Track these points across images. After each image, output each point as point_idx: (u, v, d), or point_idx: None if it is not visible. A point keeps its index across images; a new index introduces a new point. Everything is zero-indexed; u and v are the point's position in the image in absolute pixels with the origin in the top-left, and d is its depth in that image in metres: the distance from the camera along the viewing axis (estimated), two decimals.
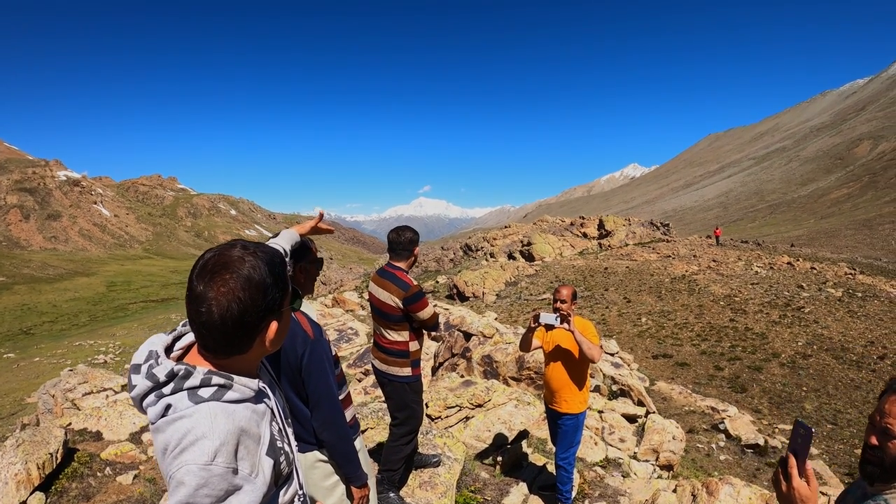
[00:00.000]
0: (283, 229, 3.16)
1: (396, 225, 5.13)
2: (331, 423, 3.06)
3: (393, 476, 5.02)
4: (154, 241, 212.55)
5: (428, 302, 4.80)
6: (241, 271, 1.64)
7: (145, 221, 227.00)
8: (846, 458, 13.36)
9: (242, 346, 1.70)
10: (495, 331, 13.43)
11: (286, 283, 1.83)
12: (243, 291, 1.62)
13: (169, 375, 1.64)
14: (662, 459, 9.26)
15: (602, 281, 38.72)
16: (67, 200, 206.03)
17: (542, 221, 71.12)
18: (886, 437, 2.11)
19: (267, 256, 1.74)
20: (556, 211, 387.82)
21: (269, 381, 2.01)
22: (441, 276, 50.96)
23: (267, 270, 1.70)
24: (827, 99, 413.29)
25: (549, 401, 6.03)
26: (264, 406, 1.84)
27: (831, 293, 30.27)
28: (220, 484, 1.54)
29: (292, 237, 3.11)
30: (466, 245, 66.58)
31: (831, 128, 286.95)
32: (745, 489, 5.97)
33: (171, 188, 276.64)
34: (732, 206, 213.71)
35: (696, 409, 14.65)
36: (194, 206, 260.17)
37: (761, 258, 45.43)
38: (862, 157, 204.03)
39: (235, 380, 1.71)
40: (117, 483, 5.73)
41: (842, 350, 21.06)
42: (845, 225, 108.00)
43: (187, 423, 1.57)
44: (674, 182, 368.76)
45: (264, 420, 1.80)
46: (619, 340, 22.62)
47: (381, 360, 4.93)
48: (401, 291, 4.66)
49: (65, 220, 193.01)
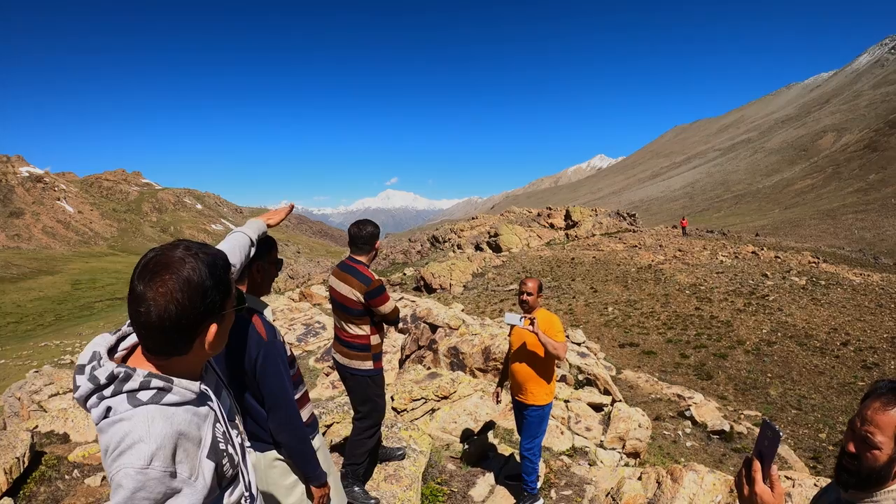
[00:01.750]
0: (251, 219, 3.10)
1: (364, 217, 5.10)
2: (287, 425, 3.02)
3: (357, 470, 4.98)
4: (119, 238, 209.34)
5: (389, 296, 4.77)
6: (180, 272, 1.62)
7: (110, 217, 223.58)
8: (811, 442, 13.53)
9: (181, 347, 1.69)
10: (461, 322, 13.40)
11: (228, 286, 1.81)
12: (181, 293, 1.61)
13: (109, 378, 1.62)
14: (629, 447, 9.29)
15: (569, 271, 38.86)
16: (30, 197, 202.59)
17: (510, 212, 71.22)
18: (865, 447, 2.05)
19: (209, 258, 1.72)
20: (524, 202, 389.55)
21: (215, 382, 2.00)
22: (408, 268, 50.83)
23: (207, 272, 1.68)
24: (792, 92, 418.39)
25: (514, 392, 6.01)
26: (207, 408, 1.82)
27: (795, 281, 30.62)
28: (158, 487, 1.54)
29: (259, 227, 3.07)
30: (434, 237, 66.50)
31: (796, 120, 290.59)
32: (709, 475, 5.98)
33: (136, 183, 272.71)
34: (698, 196, 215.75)
35: (662, 397, 14.75)
36: (159, 200, 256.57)
37: (726, 247, 45.86)
38: (826, 148, 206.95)
39: (176, 382, 1.69)
40: (86, 486, 5.63)
41: (805, 337, 21.32)
42: (809, 215, 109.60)
43: (125, 427, 1.57)
44: (640, 173, 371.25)
45: (206, 422, 1.78)
46: (586, 330, 22.69)
47: (342, 354, 4.89)
48: (362, 286, 4.62)
49: (28, 217, 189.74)
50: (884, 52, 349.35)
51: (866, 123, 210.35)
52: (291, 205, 3.46)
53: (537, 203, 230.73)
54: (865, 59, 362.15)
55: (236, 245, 2.81)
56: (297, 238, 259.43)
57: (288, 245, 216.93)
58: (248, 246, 2.89)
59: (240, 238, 2.87)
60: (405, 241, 74.89)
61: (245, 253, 2.84)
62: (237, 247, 2.80)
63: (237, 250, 2.78)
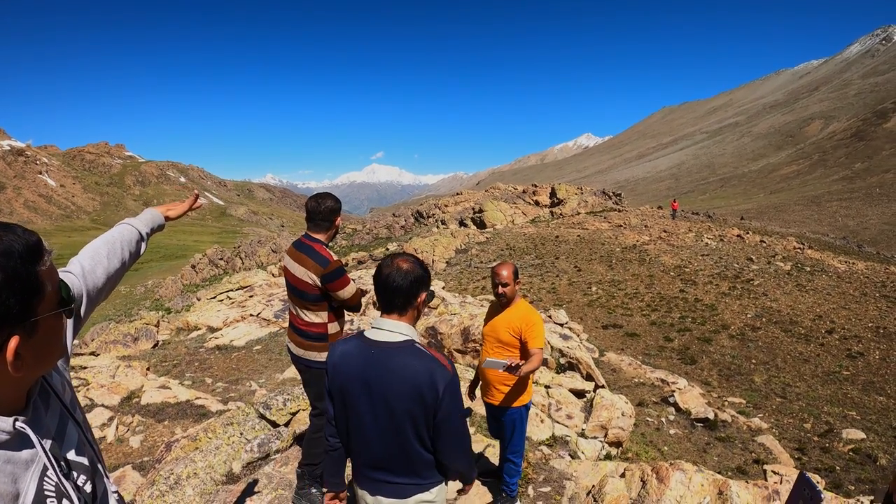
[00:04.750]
0: (147, 209, 2.62)
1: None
2: (467, 456, 2.92)
3: (315, 471, 4.49)
4: (102, 212, 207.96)
5: (350, 279, 4.24)
6: None
7: (92, 191, 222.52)
8: (796, 432, 13.25)
9: None
10: (440, 301, 13.03)
11: (33, 283, 1.26)
12: None
13: None
14: (611, 436, 8.93)
15: (553, 249, 38.58)
16: (11, 171, 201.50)
17: (495, 189, 71.02)
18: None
19: (2, 245, 1.20)
20: (509, 178, 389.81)
21: (58, 414, 1.51)
22: (391, 244, 50.58)
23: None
24: (781, 77, 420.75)
25: (484, 392, 5.50)
26: (29, 453, 1.30)
27: (780, 266, 30.51)
28: None
29: (154, 219, 2.57)
30: (418, 212, 66.26)
31: (784, 106, 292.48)
32: (697, 475, 5.63)
33: (119, 156, 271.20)
34: (684, 178, 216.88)
35: (645, 382, 14.44)
36: (142, 174, 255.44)
37: (712, 230, 45.84)
38: (813, 135, 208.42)
39: None
40: None
41: (790, 323, 21.11)
42: (794, 200, 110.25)
43: None
44: (627, 153, 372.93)
45: (28, 472, 1.28)
46: (569, 310, 22.36)
47: (296, 343, 4.39)
48: (318, 267, 4.09)
49: (9, 191, 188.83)
50: (875, 42, 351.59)
51: (854, 112, 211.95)
52: (196, 194, 2.91)
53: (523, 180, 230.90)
54: (856, 48, 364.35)
55: (118, 240, 2.28)
56: (280, 212, 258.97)
57: (272, 219, 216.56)
58: (136, 241, 2.37)
59: (125, 231, 2.36)
60: (389, 216, 74.56)
61: (131, 250, 2.32)
62: (119, 242, 2.27)
63: (119, 247, 2.25)
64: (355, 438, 2.85)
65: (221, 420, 6.58)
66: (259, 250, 58.44)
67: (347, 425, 2.88)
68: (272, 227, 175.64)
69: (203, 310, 22.06)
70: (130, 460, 8.11)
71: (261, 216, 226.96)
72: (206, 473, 5.40)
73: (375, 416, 2.74)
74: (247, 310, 20.17)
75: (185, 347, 16.84)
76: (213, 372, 14.50)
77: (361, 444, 2.83)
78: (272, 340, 16.87)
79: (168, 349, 17.00)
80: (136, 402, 10.52)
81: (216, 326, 19.15)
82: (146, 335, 17.98)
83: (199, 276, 54.33)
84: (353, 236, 63.74)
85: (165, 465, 5.67)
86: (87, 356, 15.47)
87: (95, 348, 17.13)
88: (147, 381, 11.63)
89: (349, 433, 2.89)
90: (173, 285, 49.18)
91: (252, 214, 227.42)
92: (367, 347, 2.76)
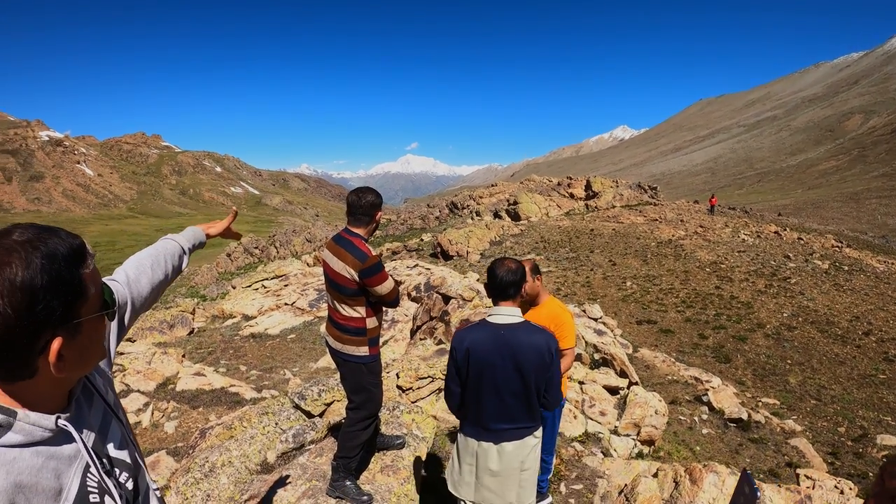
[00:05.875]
0: (188, 227, 2.67)
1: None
2: (559, 392, 3.90)
3: (350, 464, 4.53)
4: (138, 200, 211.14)
5: (388, 275, 4.22)
6: (2, 271, 1.17)
7: (129, 180, 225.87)
8: (829, 436, 13.11)
9: (19, 370, 1.24)
10: (475, 294, 13.05)
11: (76, 287, 1.31)
12: (1, 298, 1.15)
13: None
14: (644, 434, 8.91)
15: (588, 243, 38.40)
16: (50, 161, 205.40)
17: (530, 181, 70.70)
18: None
19: (47, 248, 1.24)
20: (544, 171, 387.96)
21: (102, 412, 1.57)
22: (426, 234, 50.59)
23: (40, 268, 1.20)
24: (820, 70, 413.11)
25: None
26: (72, 449, 1.36)
27: (818, 265, 30.10)
28: None
29: (196, 236, 2.61)
30: (452, 203, 66.21)
31: (823, 99, 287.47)
32: (731, 478, 5.61)
33: (156, 146, 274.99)
34: (720, 172, 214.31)
35: (679, 379, 14.35)
36: (179, 163, 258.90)
37: (749, 226, 45.27)
38: (852, 130, 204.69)
39: (20, 416, 1.25)
40: None
41: (827, 324, 20.84)
42: (832, 197, 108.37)
43: None
44: (663, 146, 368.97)
45: (71, 468, 1.35)
46: (603, 305, 22.27)
47: (335, 337, 4.36)
48: (357, 262, 4.08)
49: (48, 180, 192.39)
50: None
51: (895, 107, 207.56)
52: (235, 211, 3.09)
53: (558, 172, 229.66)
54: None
55: (161, 253, 2.33)
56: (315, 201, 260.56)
57: (306, 208, 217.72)
58: (179, 255, 2.43)
59: (168, 245, 2.41)
60: (424, 207, 74.63)
61: (174, 263, 2.38)
62: (163, 255, 2.33)
63: (162, 260, 2.31)
64: (489, 400, 3.71)
65: (257, 409, 6.65)
66: (294, 239, 58.80)
67: (479, 393, 3.72)
68: (307, 216, 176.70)
69: (238, 298, 22.30)
70: (164, 445, 8.26)
71: (296, 206, 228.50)
72: (240, 462, 5.47)
73: (507, 378, 3.64)
74: (281, 299, 20.35)
75: (220, 335, 17.05)
76: (248, 360, 14.67)
77: (495, 403, 3.70)
78: (306, 329, 17.00)
79: (203, 336, 17.21)
80: (171, 388, 10.69)
81: (251, 315, 19.35)
82: (182, 322, 18.22)
83: (234, 264, 54.85)
84: (388, 227, 63.89)
85: (200, 453, 5.73)
86: (124, 342, 15.74)
87: (132, 334, 17.39)
88: (182, 367, 11.79)
89: (480, 399, 3.73)
90: (209, 273, 49.67)
91: (287, 204, 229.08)
92: (495, 329, 3.68)
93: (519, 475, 3.82)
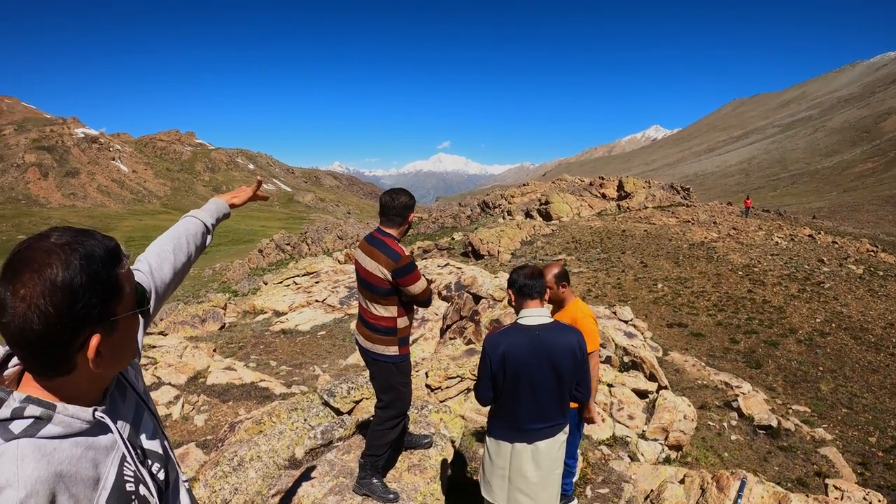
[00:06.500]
0: (212, 199, 2.60)
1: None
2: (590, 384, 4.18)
3: (377, 462, 4.60)
4: (172, 196, 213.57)
5: (420, 275, 4.26)
6: (42, 271, 1.24)
7: (163, 177, 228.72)
8: (860, 446, 12.96)
9: (59, 366, 1.31)
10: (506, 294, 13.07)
11: (113, 285, 1.38)
12: (43, 297, 1.22)
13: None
14: (672, 439, 8.91)
15: (619, 244, 38.21)
16: (85, 157, 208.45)
17: (561, 180, 70.42)
18: None
19: (85, 250, 1.31)
20: (576, 170, 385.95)
21: (134, 404, 1.64)
22: (457, 233, 50.61)
23: (79, 269, 1.28)
24: (856, 70, 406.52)
25: None
26: (108, 440, 1.44)
27: (852, 270, 29.68)
28: None
29: (220, 209, 2.56)
30: (484, 202, 66.15)
31: (859, 100, 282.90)
32: (758, 486, 5.56)
33: (189, 143, 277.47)
34: (754, 173, 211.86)
35: (709, 384, 14.26)
36: (212, 160, 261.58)
37: (782, 228, 44.80)
38: (889, 131, 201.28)
39: (59, 409, 1.32)
40: None
41: (861, 330, 20.54)
42: (868, 200, 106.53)
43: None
44: (696, 146, 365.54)
45: (108, 458, 1.42)
46: (634, 307, 22.13)
47: (365, 336, 4.43)
48: (390, 262, 4.12)
49: (83, 176, 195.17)
50: None
51: None
52: (259, 180, 2.93)
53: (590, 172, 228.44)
54: None
55: (183, 234, 2.32)
56: (347, 199, 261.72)
57: (338, 206, 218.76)
58: (202, 234, 2.39)
59: (190, 225, 2.37)
60: (455, 206, 74.62)
61: (196, 243, 2.34)
62: (185, 237, 2.31)
63: (185, 242, 2.29)
64: (526, 400, 3.79)
65: (286, 405, 6.73)
66: (325, 237, 59.10)
67: (516, 396, 3.79)
68: (339, 213, 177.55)
69: (269, 294, 22.49)
70: (194, 438, 8.40)
71: (327, 203, 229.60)
72: (269, 457, 5.54)
73: (544, 378, 3.73)
74: (312, 295, 20.49)
75: (251, 330, 17.22)
76: (278, 355, 14.81)
77: (531, 403, 3.79)
78: (336, 326, 17.12)
79: (234, 331, 17.40)
80: (201, 381, 10.84)
81: (282, 311, 19.51)
82: (213, 317, 18.44)
83: (265, 260, 55.23)
84: (419, 225, 63.98)
85: (229, 447, 5.82)
86: (156, 335, 15.95)
87: (164, 328, 17.63)
88: (213, 362, 11.95)
89: (517, 400, 3.80)
90: (240, 269, 50.12)
91: (319, 201, 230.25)
92: (529, 331, 3.77)
93: (552, 476, 3.94)
